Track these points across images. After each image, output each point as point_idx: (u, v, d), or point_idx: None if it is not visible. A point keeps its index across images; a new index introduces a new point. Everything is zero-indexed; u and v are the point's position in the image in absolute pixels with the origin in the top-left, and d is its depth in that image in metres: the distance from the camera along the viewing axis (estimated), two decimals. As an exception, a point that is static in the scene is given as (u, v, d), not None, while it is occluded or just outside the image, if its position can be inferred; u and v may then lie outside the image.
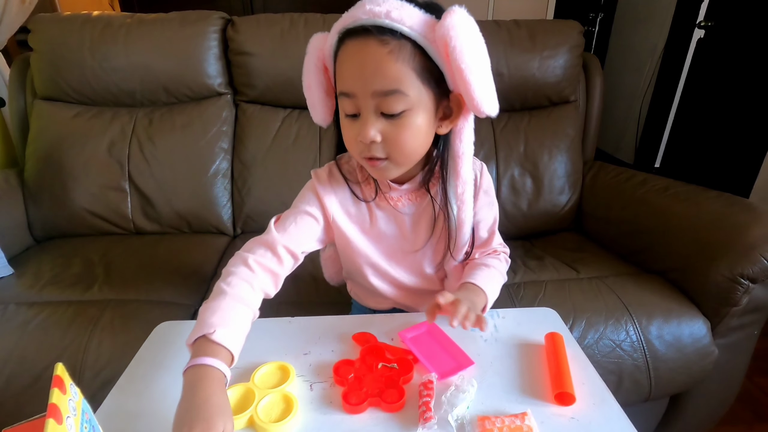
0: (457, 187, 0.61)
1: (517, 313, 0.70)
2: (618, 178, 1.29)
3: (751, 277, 0.88)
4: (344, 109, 0.55)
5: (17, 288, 1.00)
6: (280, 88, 1.31)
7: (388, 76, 0.51)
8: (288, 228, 0.62)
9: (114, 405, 0.53)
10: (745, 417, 1.23)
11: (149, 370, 0.59)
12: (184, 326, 0.67)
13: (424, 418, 0.49)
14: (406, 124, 0.54)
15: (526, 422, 0.49)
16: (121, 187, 1.26)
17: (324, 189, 0.64)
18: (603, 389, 0.55)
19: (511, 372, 0.58)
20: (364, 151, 0.56)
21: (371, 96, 0.52)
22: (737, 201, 1.03)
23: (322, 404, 0.53)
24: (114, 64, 1.26)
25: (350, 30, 0.52)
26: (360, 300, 0.83)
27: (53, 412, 0.30)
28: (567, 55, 1.33)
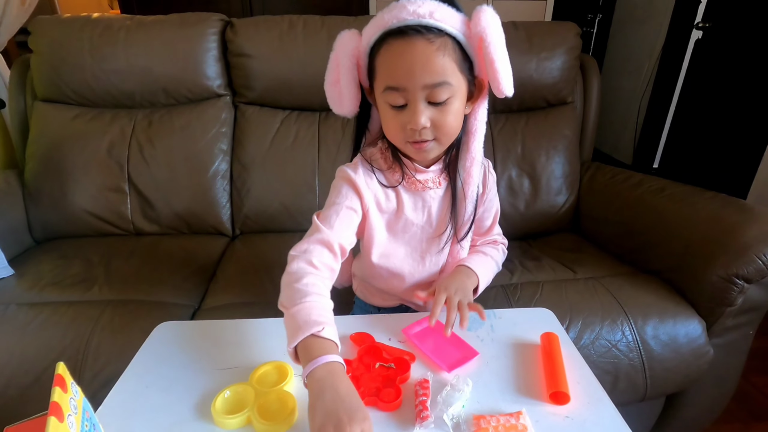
0: (465, 161, 0.67)
1: (513, 313, 0.71)
2: (615, 179, 1.30)
3: (746, 277, 0.88)
4: (392, 102, 0.60)
5: (18, 289, 1.00)
6: (278, 89, 1.32)
7: (436, 70, 0.58)
8: (334, 225, 0.65)
9: (114, 404, 0.54)
10: (741, 416, 1.24)
11: (150, 369, 0.59)
12: (184, 326, 0.68)
13: (421, 417, 0.50)
14: (450, 109, 0.60)
15: (521, 421, 0.50)
16: (120, 188, 1.27)
17: (359, 180, 0.67)
18: (598, 389, 0.56)
19: (507, 371, 0.59)
20: (410, 136, 0.61)
21: (421, 89, 0.58)
22: (732, 202, 1.04)
23: None
24: (113, 65, 1.26)
25: (394, 30, 0.58)
26: (366, 298, 0.84)
27: (55, 410, 0.31)
28: (564, 57, 1.33)
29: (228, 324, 0.68)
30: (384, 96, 0.61)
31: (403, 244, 0.73)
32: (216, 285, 1.05)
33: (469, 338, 0.64)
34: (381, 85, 0.61)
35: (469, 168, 0.67)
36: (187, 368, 0.59)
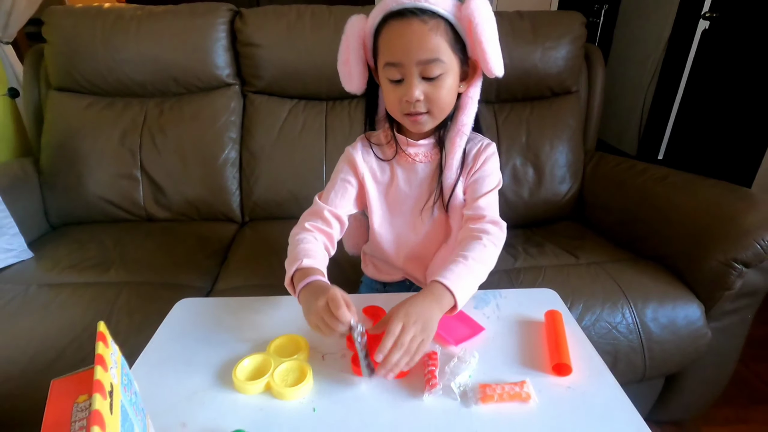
0: (451, 131, 0.72)
1: (518, 293, 0.74)
2: (618, 168, 1.32)
3: (745, 261, 0.91)
4: (390, 77, 0.66)
5: (37, 271, 1.04)
6: (287, 78, 1.34)
7: (429, 48, 0.63)
8: (329, 197, 0.75)
9: (141, 372, 0.58)
10: (740, 401, 1.27)
11: (172, 341, 0.63)
12: (203, 303, 0.71)
13: (430, 385, 0.53)
14: (442, 84, 0.65)
15: (524, 389, 0.53)
16: (133, 175, 1.30)
17: (356, 154, 0.76)
18: (599, 363, 0.58)
19: (512, 346, 0.61)
20: (406, 108, 0.67)
21: (416, 64, 0.64)
22: (734, 189, 1.05)
23: (333, 372, 0.57)
24: (125, 55, 1.29)
25: (394, 12, 0.64)
26: (373, 275, 0.88)
27: (100, 361, 0.34)
28: (569, 47, 1.34)
29: (245, 301, 0.71)
30: (384, 71, 0.67)
31: (398, 214, 0.78)
32: (227, 268, 1.08)
33: (475, 316, 0.66)
34: (382, 62, 0.67)
35: (453, 137, 0.72)
36: (207, 340, 0.62)
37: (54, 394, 0.36)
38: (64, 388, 0.36)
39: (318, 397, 0.53)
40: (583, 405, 0.52)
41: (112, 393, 0.33)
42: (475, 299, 0.70)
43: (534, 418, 0.51)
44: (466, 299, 0.62)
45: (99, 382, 0.31)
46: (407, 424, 0.50)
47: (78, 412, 0.34)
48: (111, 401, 0.32)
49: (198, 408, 0.52)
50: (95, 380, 0.32)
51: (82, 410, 0.34)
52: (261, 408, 0.52)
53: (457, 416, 0.51)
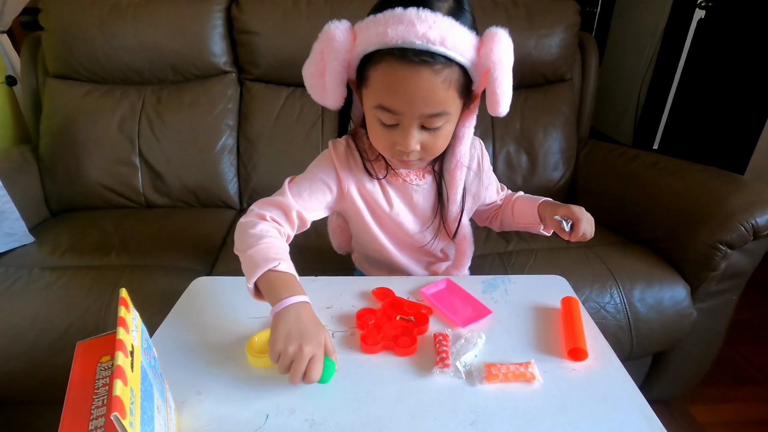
0: (450, 163, 0.67)
1: (527, 279, 0.75)
2: (610, 155, 1.34)
3: (729, 243, 0.93)
4: (384, 120, 0.57)
5: (39, 255, 1.06)
6: (283, 66, 1.35)
7: (437, 102, 0.55)
8: (303, 194, 0.66)
9: (157, 345, 0.59)
10: (726, 381, 1.31)
11: (188, 317, 0.65)
12: (217, 282, 0.74)
13: (443, 363, 0.54)
14: (441, 134, 0.59)
15: (529, 369, 0.54)
16: (132, 162, 1.32)
17: (341, 163, 0.66)
18: (605, 346, 0.59)
19: (518, 329, 0.63)
20: (398, 154, 0.60)
21: (418, 117, 0.56)
22: (721, 173, 1.08)
23: (342, 349, 0.59)
24: (123, 42, 1.30)
25: (399, 50, 0.52)
26: (365, 271, 0.88)
27: (122, 323, 0.36)
28: (563, 34, 1.36)
29: None
30: (375, 111, 0.58)
31: (389, 232, 0.74)
32: (226, 252, 1.11)
33: (483, 300, 0.68)
34: (373, 100, 0.57)
35: (453, 170, 0.67)
36: (221, 316, 0.65)
37: (79, 354, 0.38)
38: (88, 350, 0.39)
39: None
40: (587, 386, 0.53)
41: (132, 353, 0.35)
42: (484, 284, 0.72)
43: (538, 397, 0.51)
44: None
45: (121, 341, 0.34)
46: (412, 398, 0.51)
47: (101, 371, 0.36)
48: (132, 360, 0.34)
49: (213, 378, 0.54)
50: (117, 339, 0.34)
51: (106, 369, 0.36)
52: (272, 379, 0.54)
53: (461, 394, 0.52)
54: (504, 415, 0.49)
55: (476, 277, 0.74)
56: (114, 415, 0.28)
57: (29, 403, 0.97)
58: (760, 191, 0.97)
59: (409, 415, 0.49)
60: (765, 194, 0.96)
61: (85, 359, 0.38)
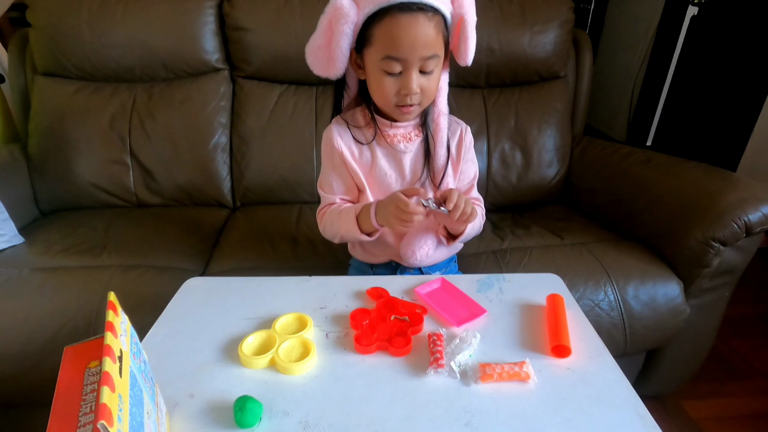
0: (433, 113, 0.77)
1: (521, 277, 0.74)
2: (604, 152, 1.34)
3: (722, 240, 0.94)
4: (390, 69, 0.68)
5: (29, 255, 1.05)
6: (276, 63, 1.33)
7: (432, 44, 0.66)
8: (333, 186, 0.80)
9: (150, 346, 0.59)
10: (719, 375, 1.32)
11: (180, 318, 0.65)
12: (210, 282, 0.73)
13: (438, 364, 0.54)
14: (434, 77, 0.70)
15: (524, 369, 0.54)
16: (123, 160, 1.30)
17: (333, 137, 0.78)
18: (600, 345, 0.59)
19: (513, 328, 0.62)
20: (402, 100, 0.70)
21: (418, 59, 0.67)
22: (714, 171, 1.08)
23: (336, 349, 0.59)
24: (113, 39, 1.28)
25: (399, 4, 0.64)
26: (360, 256, 0.89)
27: (110, 328, 0.35)
28: (557, 31, 1.35)
29: (250, 281, 0.73)
30: (381, 63, 0.68)
31: (381, 194, 0.79)
32: (220, 252, 1.10)
33: (478, 299, 0.67)
34: (378, 54, 0.67)
35: (437, 118, 0.77)
36: (214, 318, 0.64)
37: (67, 360, 0.38)
38: (76, 354, 0.38)
39: (321, 372, 0.55)
40: (582, 385, 0.53)
41: (121, 358, 0.35)
42: (479, 283, 0.72)
43: (532, 396, 0.51)
44: (471, 223, 0.75)
45: (109, 347, 0.33)
46: (407, 399, 0.51)
47: (89, 376, 0.36)
48: (120, 366, 0.34)
49: (205, 380, 0.54)
50: (105, 345, 0.33)
51: (94, 375, 0.36)
52: (266, 381, 0.54)
53: (456, 393, 0.52)
54: (499, 415, 0.49)
55: (471, 276, 0.74)
56: (101, 423, 0.27)
57: (20, 406, 0.96)
58: (753, 189, 0.98)
59: (403, 416, 0.49)
60: (757, 191, 0.96)
61: (73, 364, 0.38)
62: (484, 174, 1.35)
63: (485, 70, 1.37)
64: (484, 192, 1.36)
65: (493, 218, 1.29)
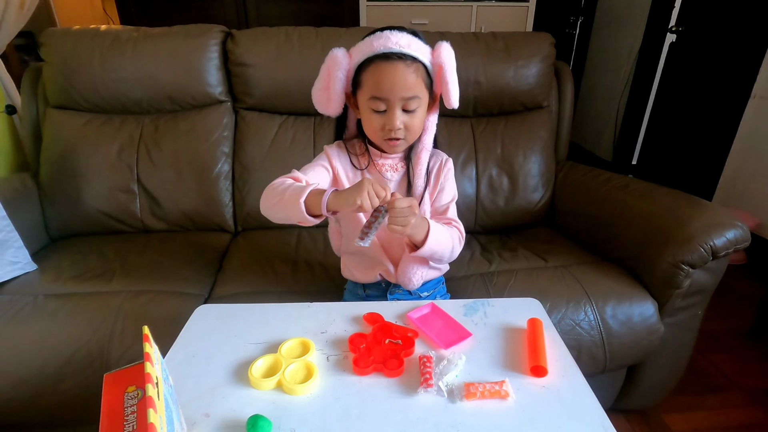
0: (417, 148, 0.86)
1: (504, 302, 0.82)
2: (585, 177, 1.43)
3: (691, 263, 1.01)
4: (375, 108, 0.79)
5: (43, 282, 1.10)
6: (276, 96, 1.42)
7: (411, 87, 0.77)
8: (308, 172, 0.85)
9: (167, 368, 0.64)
10: (697, 388, 1.38)
11: (194, 343, 0.71)
12: (220, 309, 0.80)
13: (427, 384, 0.61)
14: (417, 115, 0.81)
15: (503, 387, 0.60)
16: (130, 189, 1.37)
17: (332, 154, 0.88)
18: (572, 365, 0.66)
19: (496, 350, 0.69)
20: (388, 134, 0.80)
21: (399, 99, 0.78)
22: (685, 197, 1.17)
23: (336, 371, 0.65)
24: (122, 74, 1.36)
25: (382, 54, 0.76)
26: (352, 276, 0.97)
27: (148, 358, 0.42)
28: (539, 65, 1.45)
29: (255, 307, 0.79)
30: (369, 103, 0.79)
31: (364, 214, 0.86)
32: (223, 276, 1.16)
33: (464, 322, 0.74)
34: (367, 95, 0.79)
35: (420, 153, 0.86)
36: (224, 343, 0.70)
37: (108, 385, 0.44)
38: (115, 381, 0.44)
39: (323, 392, 0.61)
40: (555, 402, 0.60)
41: (157, 384, 0.41)
42: (465, 308, 0.79)
43: (511, 412, 0.58)
44: (434, 240, 0.80)
45: (149, 375, 0.40)
46: (400, 415, 0.58)
47: (129, 399, 0.42)
48: (158, 390, 0.40)
49: (219, 401, 0.60)
50: (146, 373, 0.40)
51: (132, 398, 0.42)
52: (273, 401, 0.60)
53: (443, 410, 0.58)
54: (481, 429, 0.56)
55: (458, 301, 0.81)
56: (151, 440, 0.34)
57: (35, 428, 1.00)
58: (718, 215, 1.06)
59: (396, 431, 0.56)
60: (722, 218, 1.05)
61: (113, 389, 0.44)
62: (473, 198, 1.44)
63: (473, 101, 1.46)
64: (474, 215, 1.44)
65: (482, 240, 1.37)
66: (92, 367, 0.93)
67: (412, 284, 0.90)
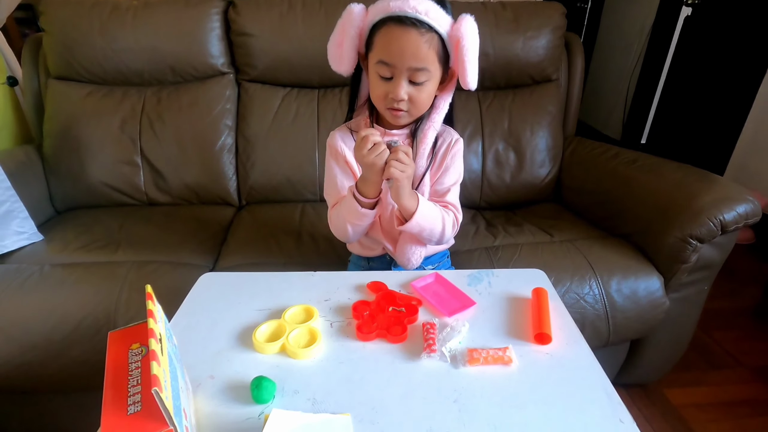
0: (425, 126, 0.82)
1: (509, 273, 0.81)
2: (593, 152, 1.41)
3: (699, 237, 1.00)
4: (381, 73, 0.74)
5: (49, 252, 1.11)
6: (279, 67, 1.39)
7: (421, 58, 0.72)
8: (338, 185, 0.85)
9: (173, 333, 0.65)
10: (700, 365, 1.39)
11: (197, 310, 0.71)
12: (223, 277, 0.80)
13: (430, 349, 0.61)
14: (424, 89, 0.75)
15: (507, 353, 0.60)
16: (133, 161, 1.36)
17: (336, 142, 0.86)
18: (577, 334, 0.66)
19: (500, 318, 0.69)
20: (390, 103, 0.76)
21: (406, 69, 0.72)
22: (695, 171, 1.15)
23: (339, 337, 0.65)
24: (123, 45, 1.33)
25: (395, 17, 0.71)
26: (358, 252, 0.97)
27: (151, 314, 0.42)
28: (549, 36, 1.41)
29: (259, 276, 0.79)
30: (376, 67, 0.75)
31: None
32: (227, 248, 1.16)
33: (468, 292, 0.74)
34: (375, 57, 0.74)
35: (426, 131, 0.82)
36: (228, 309, 0.70)
37: (112, 342, 0.44)
38: (119, 339, 0.45)
39: (327, 357, 0.62)
40: (558, 368, 0.59)
41: (161, 340, 0.41)
42: (469, 278, 0.78)
43: (513, 377, 0.58)
44: (421, 216, 0.79)
45: (152, 330, 0.40)
46: (403, 380, 0.58)
47: (133, 356, 0.42)
48: (161, 346, 0.40)
49: (223, 364, 0.60)
50: (149, 329, 0.40)
51: (136, 355, 0.42)
52: (277, 365, 0.60)
53: (446, 375, 0.58)
54: (483, 393, 0.56)
55: (462, 271, 0.80)
56: (155, 390, 0.34)
57: (44, 393, 1.02)
58: (728, 189, 1.04)
59: (399, 395, 0.56)
60: (732, 192, 1.03)
61: (118, 346, 0.44)
62: (479, 173, 1.42)
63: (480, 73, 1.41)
64: (479, 191, 1.43)
65: (487, 216, 1.36)
66: (100, 334, 0.94)
67: (411, 264, 0.88)
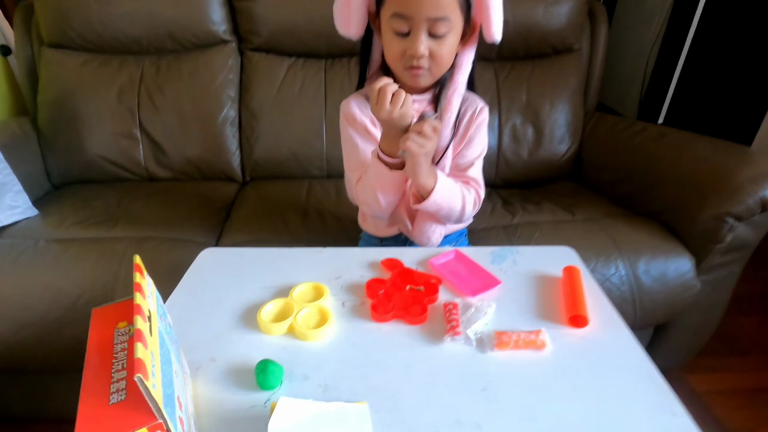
0: (449, 90, 0.74)
1: (535, 250, 0.75)
2: (617, 128, 1.32)
3: (737, 215, 0.93)
4: (397, 28, 0.66)
5: (44, 227, 1.06)
6: (284, 35, 1.31)
7: (441, 6, 0.64)
8: (362, 156, 0.78)
9: (171, 312, 0.59)
10: (723, 351, 1.33)
11: (198, 287, 0.65)
12: (226, 252, 0.74)
13: (454, 332, 0.55)
14: (446, 42, 0.67)
15: (540, 337, 0.54)
16: (132, 134, 1.30)
17: (352, 109, 0.78)
18: (615, 316, 0.60)
19: (528, 298, 0.63)
20: (409, 62, 0.68)
21: (425, 20, 0.65)
22: (729, 146, 1.07)
23: (352, 317, 0.59)
24: (119, 9, 1.26)
25: None
26: (368, 228, 0.90)
27: (138, 289, 0.36)
28: (572, 3, 1.32)
29: (264, 251, 0.73)
30: (390, 22, 0.67)
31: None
32: (230, 225, 1.11)
33: (492, 270, 0.68)
34: (389, 11, 0.66)
35: (450, 96, 0.73)
36: (231, 287, 0.65)
37: (96, 320, 0.39)
38: (104, 316, 0.39)
39: (339, 339, 0.56)
40: (598, 353, 0.53)
41: (150, 318, 0.35)
42: (492, 255, 0.72)
43: (547, 363, 0.52)
44: (440, 194, 0.72)
45: (139, 306, 0.34)
46: (423, 365, 0.52)
47: (119, 336, 0.37)
48: (150, 325, 0.35)
49: (226, 345, 0.55)
50: (135, 305, 0.34)
51: (123, 334, 0.37)
52: (284, 347, 0.55)
53: (472, 360, 0.52)
54: (515, 380, 0.50)
55: (484, 248, 0.74)
56: (137, 377, 0.28)
57: (40, 372, 0.99)
58: (769, 164, 0.97)
59: (420, 381, 0.50)
60: (774, 167, 0.95)
61: (102, 325, 0.39)
62: (494, 149, 1.34)
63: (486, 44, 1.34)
64: (494, 168, 1.35)
65: (503, 194, 1.29)
66: (97, 313, 0.89)
67: (430, 243, 0.81)
